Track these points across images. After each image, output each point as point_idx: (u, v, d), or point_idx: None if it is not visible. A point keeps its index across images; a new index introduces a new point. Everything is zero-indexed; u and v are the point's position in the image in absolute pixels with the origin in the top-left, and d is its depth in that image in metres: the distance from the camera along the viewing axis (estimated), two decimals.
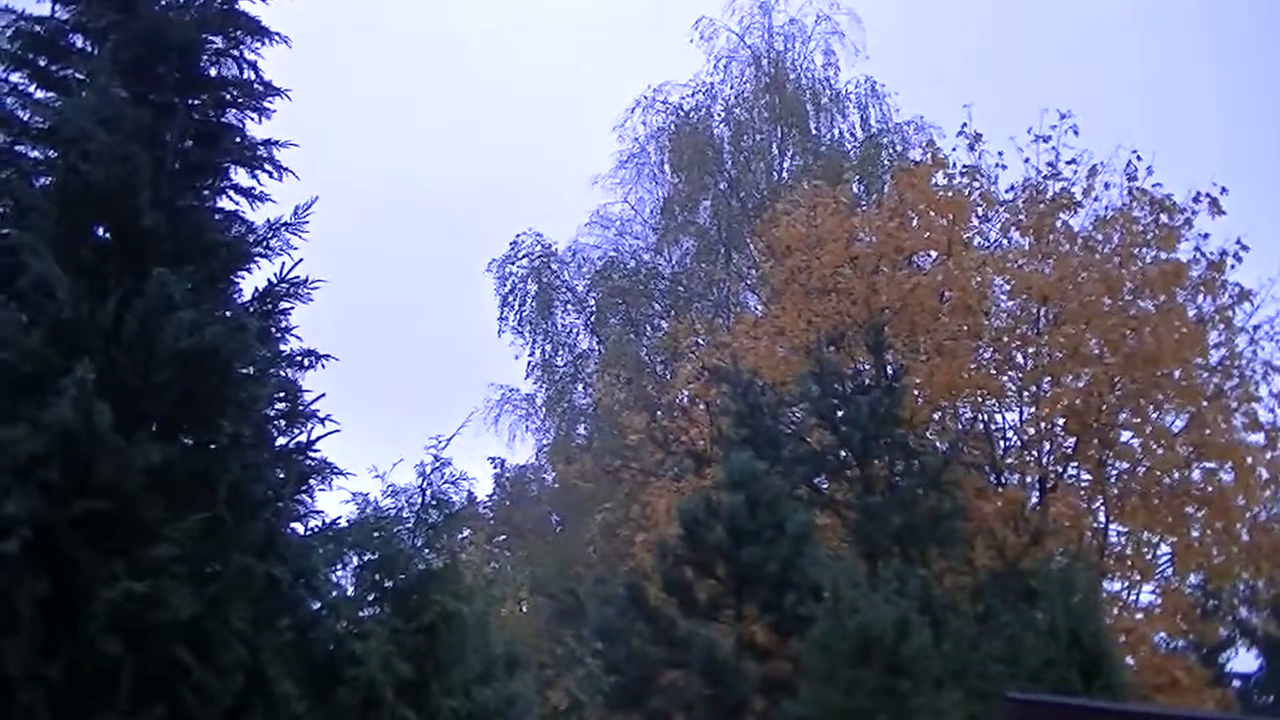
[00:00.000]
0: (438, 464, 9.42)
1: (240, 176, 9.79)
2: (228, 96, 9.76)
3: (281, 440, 9.29)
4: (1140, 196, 20.17)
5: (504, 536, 30.77)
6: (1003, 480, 19.69)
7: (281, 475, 9.03)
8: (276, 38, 9.77)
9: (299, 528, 9.27)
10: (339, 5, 35.55)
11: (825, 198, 21.64)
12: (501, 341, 30.52)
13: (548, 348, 30.89)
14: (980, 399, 20.08)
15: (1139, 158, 20.23)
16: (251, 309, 9.40)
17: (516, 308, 30.64)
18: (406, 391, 36.36)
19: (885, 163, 28.70)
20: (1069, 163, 20.59)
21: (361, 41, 41.04)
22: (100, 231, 9.22)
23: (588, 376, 30.40)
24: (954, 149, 21.36)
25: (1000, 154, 21.18)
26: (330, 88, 35.22)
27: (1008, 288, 20.34)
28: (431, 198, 39.85)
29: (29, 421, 7.91)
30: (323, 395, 9.46)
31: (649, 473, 22.46)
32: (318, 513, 9.35)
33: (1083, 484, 19.61)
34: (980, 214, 21.25)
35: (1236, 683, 23.51)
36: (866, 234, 21.02)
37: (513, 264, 30.94)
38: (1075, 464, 19.62)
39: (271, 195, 9.81)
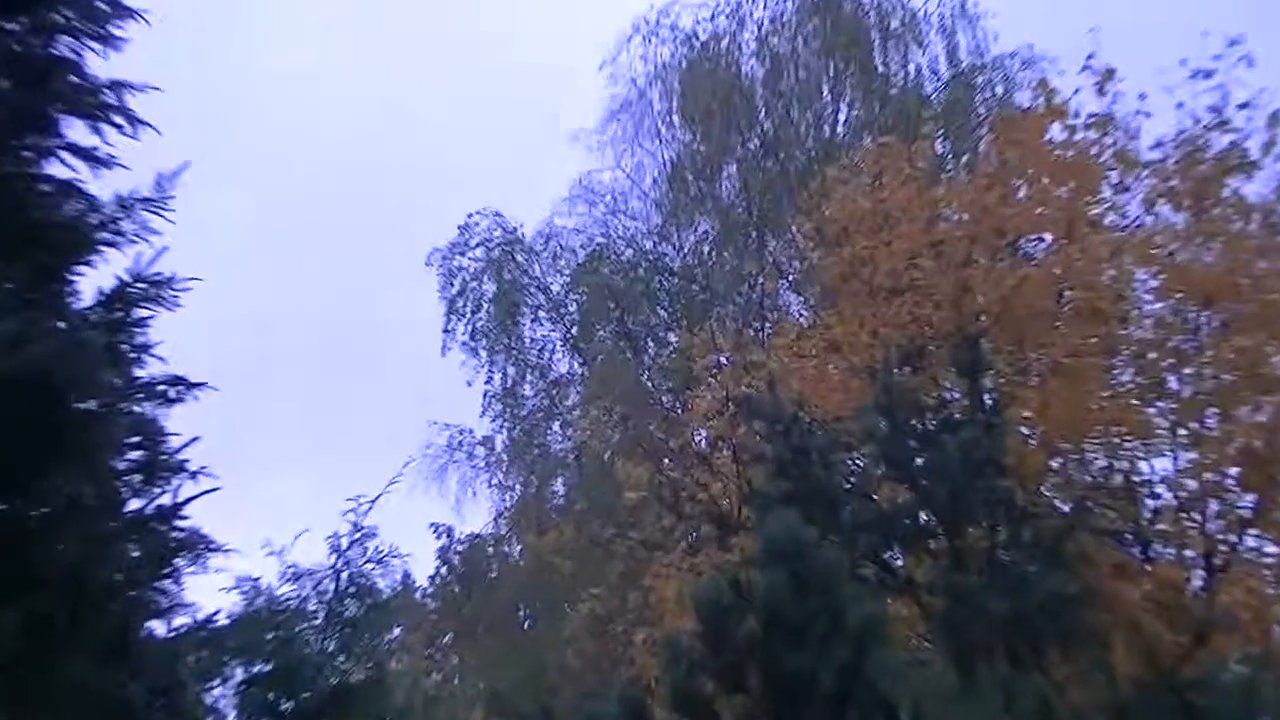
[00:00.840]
0: (358, 535, 9.67)
1: (78, 132, 9.71)
2: (59, 19, 9.68)
3: (136, 503, 9.20)
4: None
5: (451, 635, 30.70)
6: (1152, 554, 19.54)
7: (136, 553, 8.91)
8: None
9: (160, 626, 9.15)
10: None
11: (896, 160, 21.52)
12: (449, 362, 30.49)
13: (511, 371, 30.94)
14: (1118, 439, 19.90)
15: None
16: (94, 317, 9.31)
17: (468, 316, 30.59)
18: (317, 435, 36.90)
19: (980, 111, 28.66)
20: (1241, 107, 20.37)
21: None
22: None
23: (567, 411, 30.22)
24: (1077, 91, 21.11)
25: (1143, 97, 20.94)
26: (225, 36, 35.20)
27: (1155, 283, 20.15)
28: (354, 168, 39.89)
29: None
30: (195, 440, 9.41)
31: (653, 545, 22.41)
32: (187, 605, 9.26)
33: (1267, 560, 19.38)
34: (1115, 181, 20.97)
35: None
36: (954, 210, 20.95)
37: (462, 255, 30.95)
38: (1255, 531, 19.35)
39: (122, 159, 9.74)
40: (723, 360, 23.58)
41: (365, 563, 9.72)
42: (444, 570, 31.27)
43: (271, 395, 33.13)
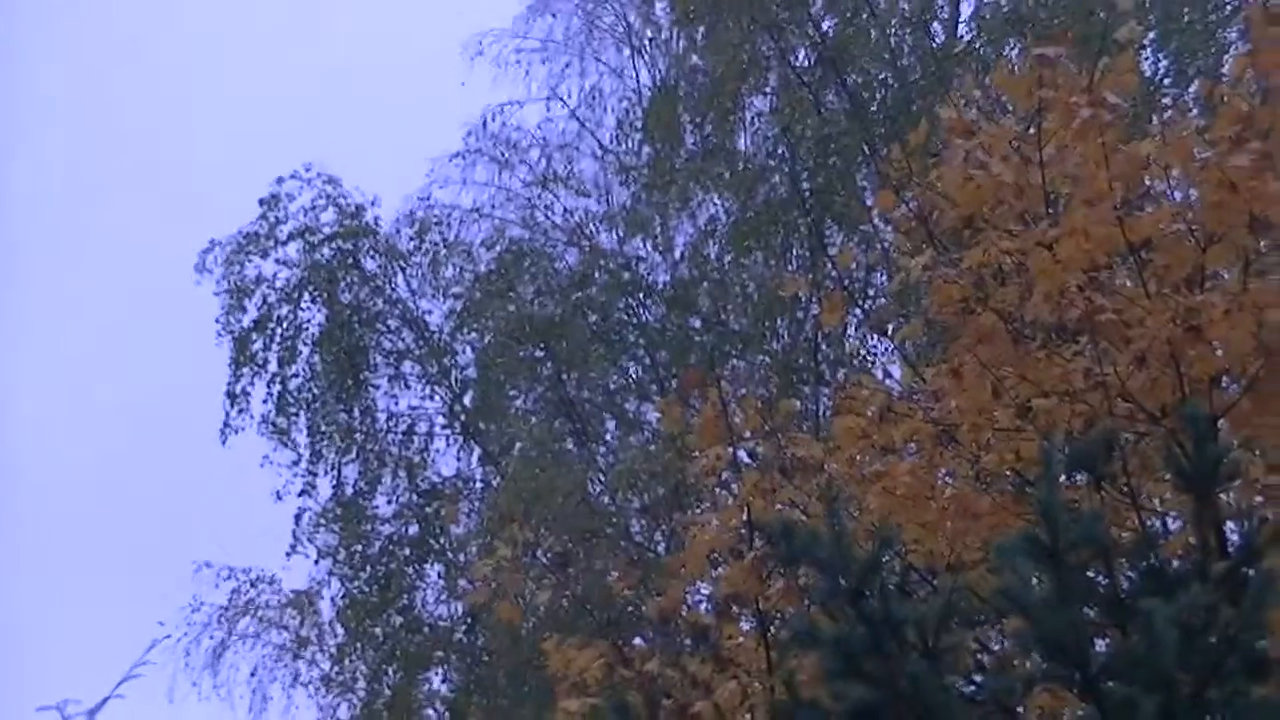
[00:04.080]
0: None
1: None
2: None
3: None
4: None
5: None
6: None
7: None
8: None
9: None
10: None
11: (1067, 86, 14.59)
12: (236, 453, 21.62)
13: (352, 471, 22.22)
14: None
15: None
16: None
17: (274, 370, 22.07)
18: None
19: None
20: None
21: None
22: None
23: (453, 546, 21.73)
24: None
25: None
26: None
27: None
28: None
29: None
30: None
31: None
32: None
33: None
34: None
35: None
36: (1174, 184, 15.01)
37: (264, 257, 22.26)
38: None
39: None
40: (742, 456, 16.65)
41: None
42: None
43: None
